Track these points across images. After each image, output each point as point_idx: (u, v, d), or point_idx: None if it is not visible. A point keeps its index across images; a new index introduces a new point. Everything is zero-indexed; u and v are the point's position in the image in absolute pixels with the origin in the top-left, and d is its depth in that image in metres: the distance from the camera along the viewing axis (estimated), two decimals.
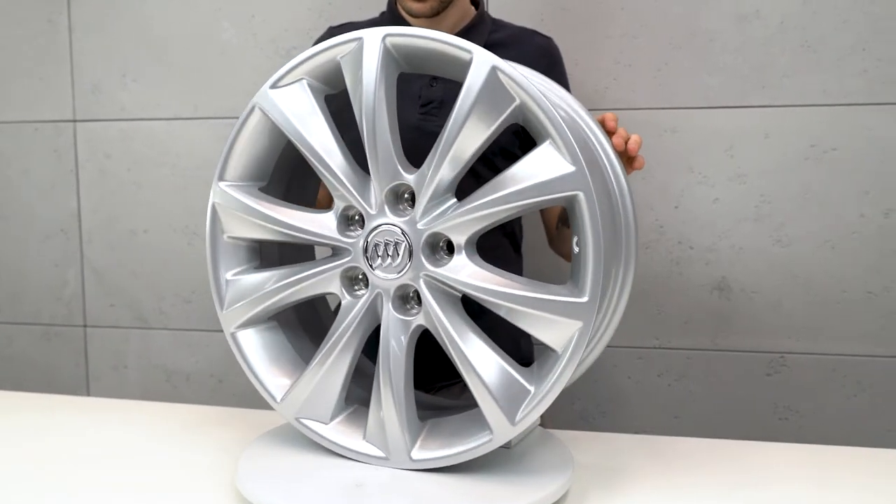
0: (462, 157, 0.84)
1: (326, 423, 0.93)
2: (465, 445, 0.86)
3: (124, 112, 1.86)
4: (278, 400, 0.94)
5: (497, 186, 0.83)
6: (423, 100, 1.23)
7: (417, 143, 0.98)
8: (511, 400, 0.84)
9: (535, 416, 0.84)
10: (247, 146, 0.95)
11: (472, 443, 0.86)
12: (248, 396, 1.87)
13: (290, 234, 0.92)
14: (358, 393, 0.97)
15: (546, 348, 0.85)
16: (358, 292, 0.91)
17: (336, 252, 0.91)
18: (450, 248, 0.88)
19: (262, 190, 0.97)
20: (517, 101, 0.82)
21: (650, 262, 1.65)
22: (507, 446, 0.92)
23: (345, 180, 0.88)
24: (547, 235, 1.38)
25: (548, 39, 1.31)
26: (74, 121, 1.89)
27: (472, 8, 1.31)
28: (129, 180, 1.88)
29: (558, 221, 1.28)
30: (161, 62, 1.82)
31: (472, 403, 0.88)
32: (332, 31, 1.34)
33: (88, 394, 1.98)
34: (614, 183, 0.89)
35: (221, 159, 0.95)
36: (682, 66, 1.59)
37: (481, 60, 0.82)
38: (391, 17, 1.30)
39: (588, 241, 0.80)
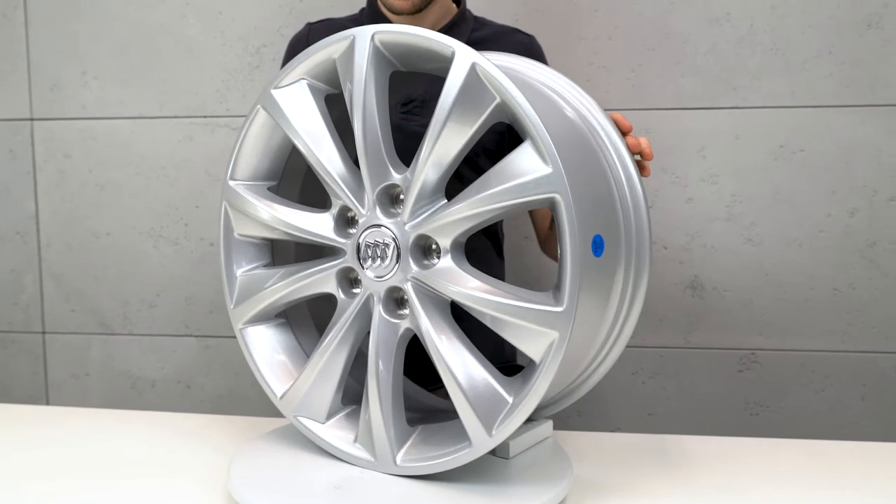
0: (446, 156, 0.82)
1: (322, 423, 0.93)
2: (447, 455, 0.83)
3: (85, 110, 1.79)
4: (279, 397, 0.95)
5: (479, 187, 0.80)
6: (404, 98, 1.21)
7: (399, 142, 0.95)
8: (490, 410, 0.81)
9: (512, 427, 0.80)
10: (254, 145, 0.95)
11: (454, 452, 0.83)
12: (217, 402, 1.83)
13: (289, 233, 0.92)
14: (358, 392, 0.95)
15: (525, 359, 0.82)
16: (354, 293, 0.90)
17: (333, 252, 0.90)
18: (439, 251, 0.86)
19: (273, 189, 0.97)
20: (497, 100, 0.79)
21: None
22: (504, 456, 0.91)
23: (339, 180, 0.87)
24: (537, 237, 1.38)
25: (530, 38, 1.31)
26: (32, 119, 1.81)
27: (454, 6, 1.30)
28: (91, 181, 1.81)
29: (551, 222, 1.28)
30: (123, 59, 1.77)
31: None
32: (311, 28, 1.32)
33: (48, 403, 1.90)
34: (625, 185, 0.88)
35: (231, 158, 0.96)
36: (656, 68, 1.61)
37: (462, 57, 0.79)
38: (371, 13, 1.28)
39: (566, 246, 0.75)
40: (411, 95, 1.21)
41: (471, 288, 0.80)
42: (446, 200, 0.84)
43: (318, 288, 0.91)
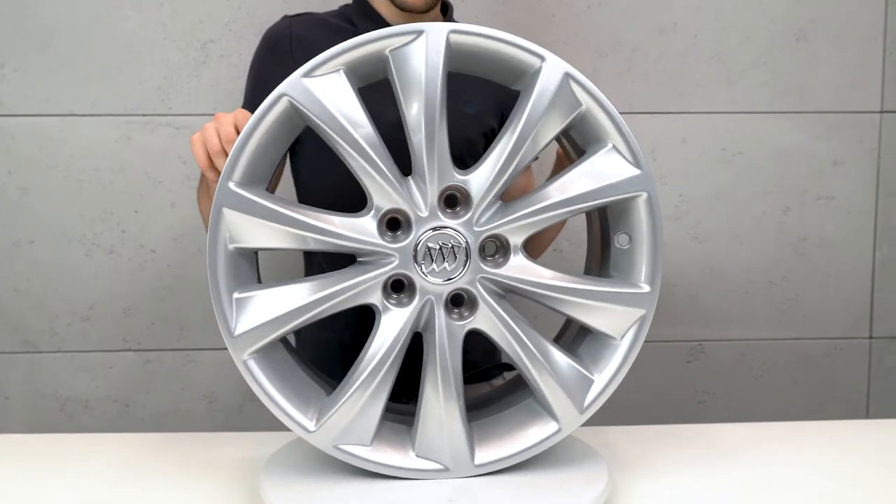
0: (525, 160, 0.84)
1: (368, 446, 0.86)
2: (529, 440, 0.87)
3: (3, 107, 1.62)
4: (311, 430, 0.85)
5: (562, 188, 0.85)
6: None
7: (398, 141, 0.90)
8: (578, 389, 0.87)
9: (601, 403, 0.88)
10: (262, 142, 0.84)
11: (537, 436, 0.87)
12: (159, 420, 1.72)
13: (326, 242, 0.83)
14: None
15: (596, 339, 0.89)
16: (399, 302, 0.85)
17: (370, 259, 0.85)
18: (498, 250, 0.87)
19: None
20: (583, 107, 0.85)
21: (581, 260, 1.71)
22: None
23: (393, 180, 0.83)
24: None
25: None
26: None
27: (440, 14, 1.29)
28: (12, 184, 1.64)
29: None
30: (49, 51, 1.61)
31: None
32: (293, 21, 1.26)
33: None
34: None
35: (231, 156, 0.83)
36: (609, 74, 1.67)
37: (555, 66, 0.84)
38: (359, 9, 1.25)
39: (644, 237, 0.87)
40: None
41: (549, 279, 0.85)
42: (501, 201, 0.86)
43: (358, 300, 0.84)
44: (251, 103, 1.24)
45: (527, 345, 0.85)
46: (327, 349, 1.24)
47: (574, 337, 0.96)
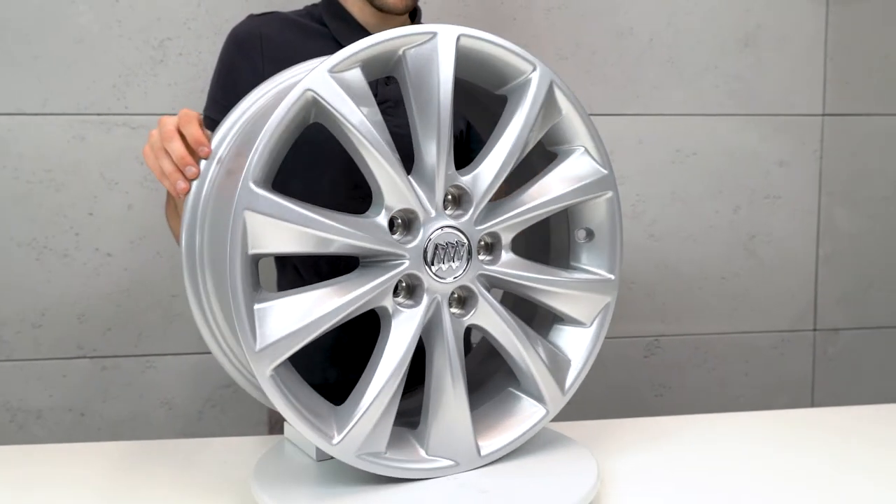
0: (512, 161, 0.87)
1: (384, 452, 0.84)
2: (523, 425, 0.90)
3: None
4: (336, 441, 0.81)
5: (542, 189, 0.89)
6: (380, 98, 1.19)
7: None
8: (560, 373, 0.92)
9: (578, 384, 0.93)
10: (280, 139, 0.80)
11: (530, 421, 0.90)
12: (117, 429, 1.67)
13: (348, 244, 0.80)
14: None
15: (567, 326, 0.95)
16: (407, 303, 0.85)
17: (378, 261, 0.83)
18: (490, 247, 0.89)
19: None
20: (563, 113, 0.90)
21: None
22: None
23: (409, 180, 0.83)
24: None
25: None
26: None
27: (408, 19, 1.29)
28: None
29: None
30: None
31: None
32: (262, 20, 1.24)
33: None
34: None
35: (254, 156, 0.76)
36: (568, 76, 1.67)
37: (544, 73, 0.87)
38: (330, 10, 1.24)
39: (608, 231, 0.94)
40: (386, 95, 1.19)
41: (536, 272, 0.89)
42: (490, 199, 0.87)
43: (372, 305, 0.82)
44: (220, 104, 1.21)
45: (522, 336, 0.88)
46: (306, 350, 1.23)
47: (543, 326, 0.98)
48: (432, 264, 0.83)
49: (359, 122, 0.80)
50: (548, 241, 1.02)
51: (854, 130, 1.83)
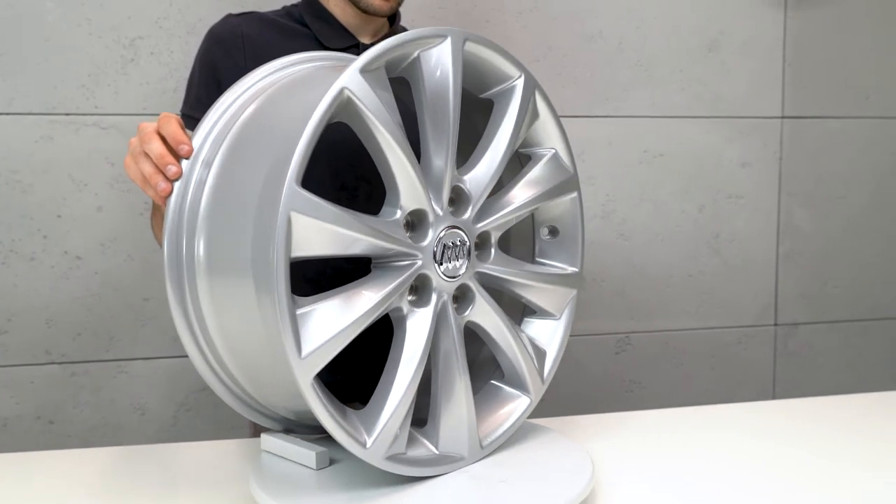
0: (505, 161, 0.90)
1: (405, 452, 0.84)
2: (513, 416, 0.93)
3: None
4: (368, 445, 0.79)
5: (527, 188, 0.93)
6: None
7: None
8: (540, 363, 0.97)
9: (553, 372, 0.97)
10: (315, 139, 0.76)
11: (517, 410, 0.94)
12: (87, 436, 1.63)
13: (376, 245, 0.79)
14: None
15: (538, 318, 1.00)
16: (418, 303, 0.85)
17: (391, 262, 0.83)
18: (490, 245, 0.91)
19: None
20: (539, 117, 0.94)
21: None
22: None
23: (425, 179, 0.84)
24: None
25: None
26: None
27: (387, 22, 1.29)
28: None
29: None
30: None
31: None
32: (241, 19, 1.23)
33: None
34: None
35: (297, 157, 0.73)
36: (540, 79, 1.71)
37: (529, 79, 0.91)
38: (311, 10, 1.24)
39: (572, 228, 0.99)
40: None
41: (521, 269, 0.93)
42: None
43: (392, 306, 0.82)
44: (205, 104, 1.20)
45: (513, 330, 0.92)
46: None
47: (514, 319, 1.01)
48: (441, 264, 0.84)
49: (387, 122, 0.79)
50: (508, 240, 1.05)
51: (812, 132, 1.91)
